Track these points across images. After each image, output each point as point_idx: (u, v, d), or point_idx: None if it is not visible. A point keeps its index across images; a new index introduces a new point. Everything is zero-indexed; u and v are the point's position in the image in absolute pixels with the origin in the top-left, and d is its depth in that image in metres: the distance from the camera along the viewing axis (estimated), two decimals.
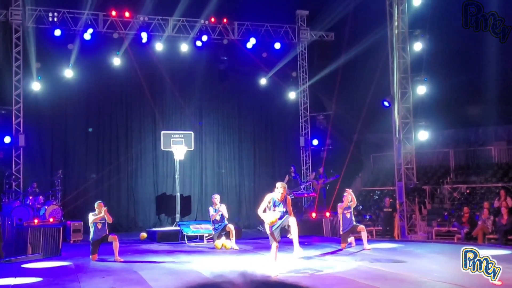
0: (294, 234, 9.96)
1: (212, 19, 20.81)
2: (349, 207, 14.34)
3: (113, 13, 19.74)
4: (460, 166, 21.63)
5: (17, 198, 17.66)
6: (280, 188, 9.90)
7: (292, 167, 20.78)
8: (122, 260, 12.45)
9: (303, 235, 17.82)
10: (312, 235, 17.16)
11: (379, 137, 22.02)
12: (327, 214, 17.56)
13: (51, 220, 16.49)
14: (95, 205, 12.92)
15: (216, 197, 15.34)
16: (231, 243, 14.65)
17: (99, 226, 12.73)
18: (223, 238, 14.82)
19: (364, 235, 14.09)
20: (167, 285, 9.37)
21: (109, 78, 20.11)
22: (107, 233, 12.83)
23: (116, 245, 12.58)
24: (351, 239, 14.49)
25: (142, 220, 20.36)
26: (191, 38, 20.64)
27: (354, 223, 14.32)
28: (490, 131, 22.20)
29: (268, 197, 10.10)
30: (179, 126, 20.84)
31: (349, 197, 14.19)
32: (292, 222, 9.79)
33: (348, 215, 14.25)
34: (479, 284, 8.29)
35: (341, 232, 14.37)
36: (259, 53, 21.61)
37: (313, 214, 18.56)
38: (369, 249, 13.69)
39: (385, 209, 18.50)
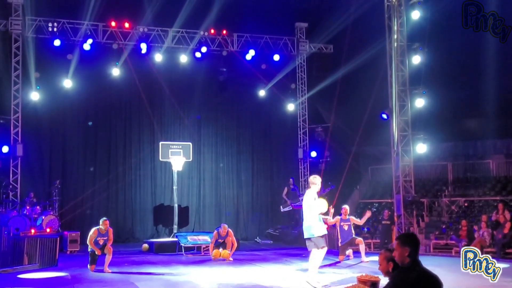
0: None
1: (212, 31, 20.86)
2: (347, 220, 14.34)
3: (113, 23, 19.79)
4: (458, 179, 21.60)
5: (14, 208, 17.59)
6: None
7: (291, 179, 20.80)
8: (110, 271, 12.36)
9: (300, 247, 17.81)
10: None
11: (377, 149, 22.01)
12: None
13: (48, 230, 16.41)
14: (100, 222, 12.72)
15: (224, 227, 15.05)
16: (229, 252, 14.59)
17: (101, 242, 12.62)
18: (220, 248, 14.77)
19: (362, 247, 14.09)
20: None
21: (108, 88, 20.10)
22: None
23: (108, 258, 12.52)
24: (349, 251, 14.47)
25: (140, 231, 20.27)
26: (191, 49, 20.69)
27: (353, 235, 14.32)
28: (488, 145, 22.18)
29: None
30: (177, 137, 20.83)
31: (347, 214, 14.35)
32: None
33: (346, 228, 14.26)
34: None
35: (339, 244, 14.34)
36: (258, 65, 21.66)
37: None
38: (367, 261, 13.67)
39: (383, 222, 18.45)
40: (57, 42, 18.98)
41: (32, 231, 15.70)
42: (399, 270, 4.55)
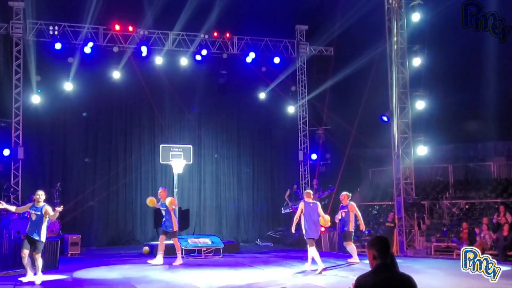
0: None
1: (215, 34, 20.88)
2: (345, 207, 14.50)
3: (117, 27, 19.81)
4: (459, 181, 21.58)
5: None
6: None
7: (295, 184, 20.90)
8: (40, 281, 11.01)
9: (301, 250, 17.81)
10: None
11: (378, 151, 21.99)
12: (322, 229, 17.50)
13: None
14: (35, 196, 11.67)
15: (161, 190, 15.32)
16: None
17: (34, 217, 11.29)
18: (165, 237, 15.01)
19: (350, 248, 14.35)
20: None
21: (109, 91, 20.11)
22: (40, 240, 11.16)
23: (38, 262, 11.12)
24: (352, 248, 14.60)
25: (140, 233, 20.26)
26: (191, 52, 20.70)
27: (348, 229, 14.56)
28: (489, 147, 22.15)
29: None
30: (178, 139, 20.83)
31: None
32: None
33: (343, 215, 14.49)
34: None
35: (350, 229, 14.47)
36: (259, 67, 21.66)
37: None
38: (358, 262, 13.96)
39: (386, 224, 18.45)
40: (58, 46, 19.02)
41: None
42: (363, 274, 4.49)
